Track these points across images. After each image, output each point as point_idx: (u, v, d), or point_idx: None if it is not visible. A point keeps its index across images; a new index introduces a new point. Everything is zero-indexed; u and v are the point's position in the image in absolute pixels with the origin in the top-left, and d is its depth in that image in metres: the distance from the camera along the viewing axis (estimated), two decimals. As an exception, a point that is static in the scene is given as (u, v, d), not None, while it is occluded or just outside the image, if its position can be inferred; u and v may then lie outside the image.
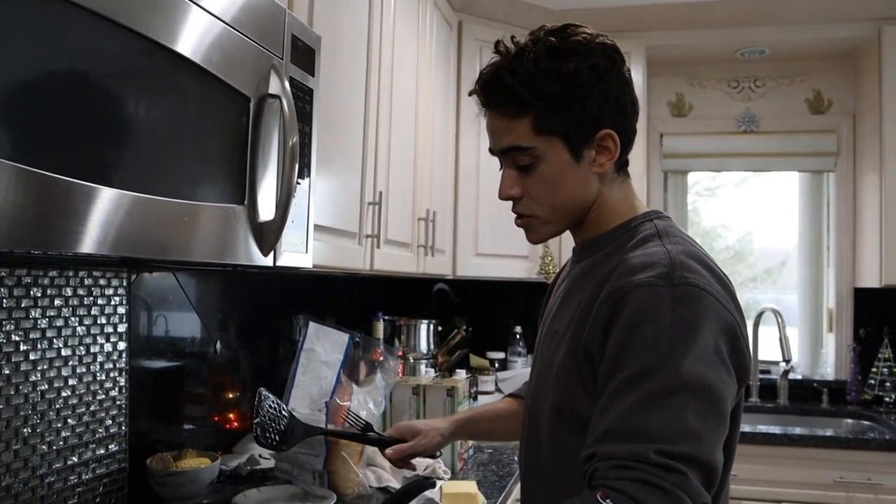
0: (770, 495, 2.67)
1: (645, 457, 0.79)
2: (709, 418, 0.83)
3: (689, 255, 0.92)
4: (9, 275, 1.25)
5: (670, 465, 0.79)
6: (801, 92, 3.38)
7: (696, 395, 0.83)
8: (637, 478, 0.79)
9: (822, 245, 3.43)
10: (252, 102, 1.16)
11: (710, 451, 0.82)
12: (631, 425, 0.82)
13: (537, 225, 1.06)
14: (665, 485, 0.78)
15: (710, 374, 0.84)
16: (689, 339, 0.84)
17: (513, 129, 1.00)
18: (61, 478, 1.37)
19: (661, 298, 0.86)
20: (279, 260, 1.26)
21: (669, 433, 0.80)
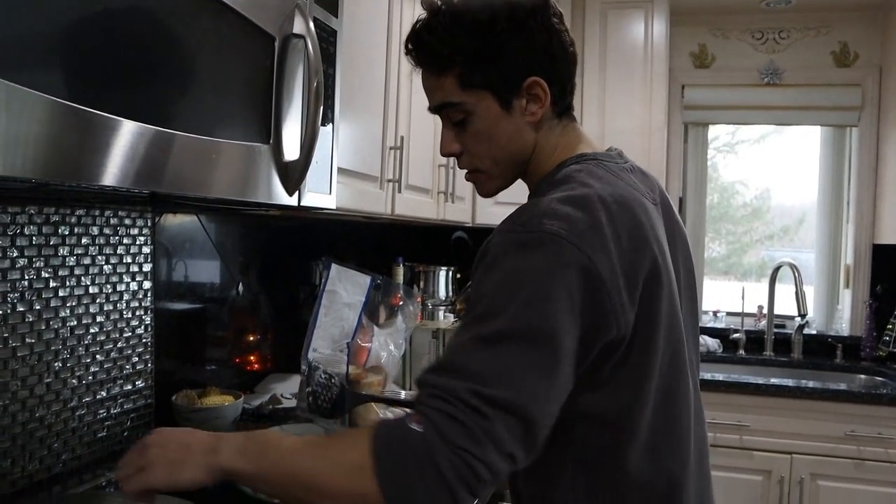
0: (781, 447, 2.70)
1: (456, 392, 0.78)
2: (538, 368, 0.80)
3: (567, 200, 0.88)
4: (38, 212, 1.27)
5: (476, 406, 0.77)
6: (826, 44, 3.31)
7: (527, 343, 0.80)
8: (445, 409, 0.78)
9: (842, 201, 3.40)
10: (277, 42, 1.16)
11: (528, 401, 0.79)
12: (456, 361, 0.81)
13: (484, 180, 1.06)
14: (468, 422, 0.77)
15: (548, 323, 0.81)
16: (531, 285, 0.82)
17: (441, 86, 1.00)
18: (91, 411, 1.41)
19: (512, 244, 0.85)
20: (304, 200, 1.27)
21: (487, 376, 0.79)
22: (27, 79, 0.70)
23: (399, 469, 0.77)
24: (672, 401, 0.96)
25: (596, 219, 0.86)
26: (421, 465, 0.76)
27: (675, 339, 0.96)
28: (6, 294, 1.21)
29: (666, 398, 0.95)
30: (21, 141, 0.70)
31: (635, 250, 0.88)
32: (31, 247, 1.26)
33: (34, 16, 0.72)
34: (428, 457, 0.76)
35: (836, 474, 2.65)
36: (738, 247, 3.92)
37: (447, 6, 0.98)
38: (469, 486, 0.77)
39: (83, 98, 0.77)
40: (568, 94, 1.03)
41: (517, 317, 0.81)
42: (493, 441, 0.77)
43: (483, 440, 0.77)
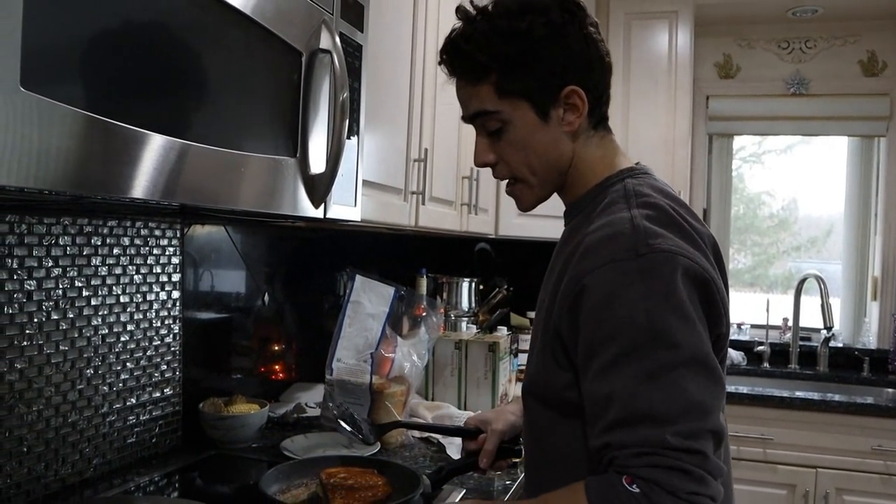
0: (806, 461, 2.67)
1: (662, 441, 0.79)
2: (706, 385, 0.83)
3: (654, 219, 0.89)
4: (72, 224, 1.31)
5: (690, 447, 0.79)
6: (854, 53, 3.29)
7: (689, 364, 0.82)
8: (659, 464, 0.79)
9: (870, 212, 3.36)
10: (304, 57, 1.18)
11: (717, 418, 0.83)
12: (638, 409, 0.81)
13: (523, 191, 1.04)
14: (687, 467, 0.78)
15: (695, 339, 0.83)
16: (668, 308, 0.83)
17: (477, 95, 0.99)
18: (121, 417, 1.44)
19: (629, 273, 0.84)
20: (329, 212, 1.29)
21: (677, 411, 0.80)
22: (59, 93, 0.73)
23: None
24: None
25: (684, 228, 0.90)
26: None
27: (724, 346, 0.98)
28: (41, 303, 1.25)
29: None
30: (53, 155, 0.73)
31: (708, 248, 0.93)
32: (65, 257, 1.29)
33: (65, 31, 0.75)
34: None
35: (863, 489, 2.62)
36: (764, 258, 3.89)
37: (483, 14, 0.97)
38: None
39: (114, 112, 0.80)
40: (604, 103, 1.02)
41: (670, 342, 0.82)
42: (711, 472, 0.80)
43: (706, 477, 0.80)
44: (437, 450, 1.69)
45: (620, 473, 0.81)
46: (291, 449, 1.58)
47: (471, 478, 1.50)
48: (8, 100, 0.67)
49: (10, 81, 0.67)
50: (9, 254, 1.19)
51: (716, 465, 0.81)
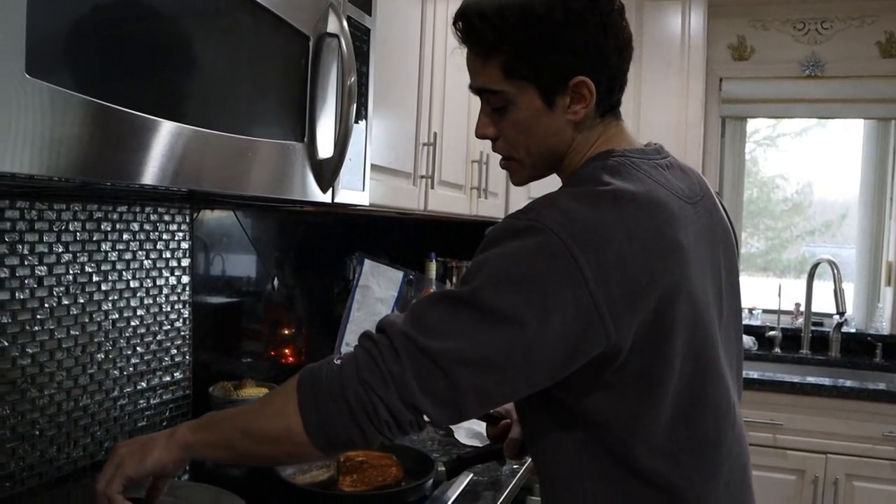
0: (817, 446, 2.66)
1: (393, 334, 0.83)
2: (480, 340, 0.81)
3: (575, 196, 0.87)
4: (82, 209, 1.31)
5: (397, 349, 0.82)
6: (871, 34, 3.23)
7: (480, 315, 0.81)
8: (368, 348, 0.85)
9: (885, 196, 3.33)
10: (311, 41, 1.18)
11: (455, 360, 0.81)
12: (417, 308, 0.86)
13: (517, 168, 1.03)
14: (380, 362, 0.82)
15: (510, 306, 0.80)
16: (505, 266, 0.83)
17: (484, 71, 0.95)
18: (132, 401, 1.45)
19: (507, 229, 0.86)
20: (337, 197, 1.29)
21: (427, 326, 0.82)
22: (65, 80, 0.73)
23: (316, 399, 0.84)
24: (700, 409, 0.93)
25: (601, 217, 0.84)
26: (334, 395, 0.83)
27: (701, 348, 0.92)
28: (52, 288, 1.26)
29: (691, 406, 0.92)
30: (63, 142, 0.73)
31: (649, 253, 0.85)
32: (75, 242, 1.30)
33: (71, 17, 0.74)
34: (340, 387, 0.83)
35: (873, 475, 2.61)
36: (777, 242, 3.86)
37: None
38: (373, 424, 0.82)
39: (122, 99, 0.80)
40: (616, 91, 0.98)
41: (481, 288, 0.82)
42: (398, 386, 0.81)
43: (388, 381, 0.81)
44: (446, 433, 1.69)
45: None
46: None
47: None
48: (13, 87, 0.67)
49: (16, 68, 0.67)
50: (20, 240, 1.20)
51: (410, 386, 0.81)
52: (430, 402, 0.82)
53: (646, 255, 0.84)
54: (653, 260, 0.85)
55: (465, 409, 0.84)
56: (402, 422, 0.83)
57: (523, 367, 0.83)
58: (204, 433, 0.93)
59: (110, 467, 0.94)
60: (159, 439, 0.95)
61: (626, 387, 0.88)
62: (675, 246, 0.88)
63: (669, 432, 0.90)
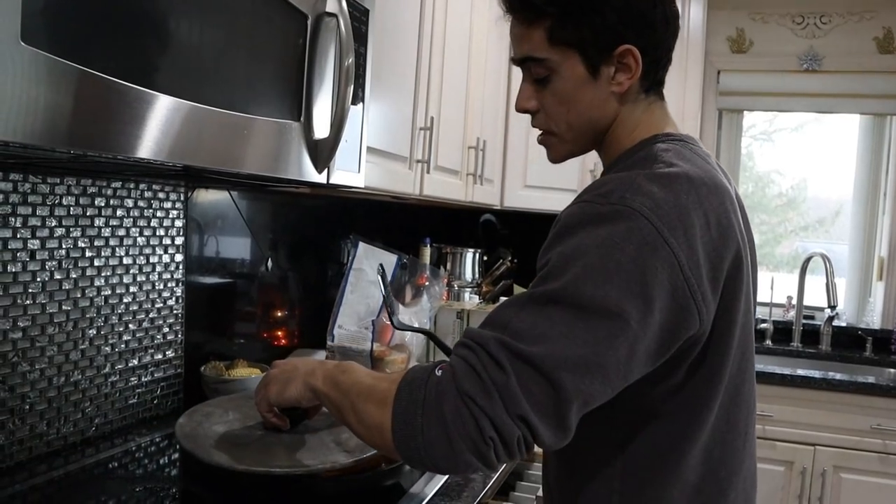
0: (806, 438, 2.68)
1: (485, 343, 0.77)
2: (582, 338, 0.75)
3: (655, 177, 0.82)
4: (75, 184, 1.31)
5: (498, 359, 0.75)
6: (869, 29, 3.24)
7: (577, 310, 0.76)
8: (467, 359, 0.77)
9: (879, 192, 3.34)
10: (309, 20, 1.17)
11: (560, 365, 0.74)
12: (501, 316, 0.79)
13: (555, 143, 0.99)
14: (484, 375, 0.75)
15: (606, 296, 0.75)
16: (596, 254, 0.77)
17: (528, 38, 0.93)
18: (123, 378, 1.45)
19: (588, 214, 0.81)
20: (332, 178, 1.29)
21: (523, 331, 0.76)
22: (66, 52, 0.72)
23: (410, 407, 0.78)
24: (735, 405, 0.92)
25: (683, 200, 0.81)
26: (429, 407, 0.76)
27: (747, 340, 0.92)
28: (44, 262, 1.25)
29: (731, 402, 0.91)
30: (59, 112, 0.73)
31: (722, 238, 0.83)
32: (68, 217, 1.30)
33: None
34: (437, 400, 0.76)
35: (860, 467, 2.63)
36: (771, 237, 3.87)
37: None
38: (471, 440, 0.74)
39: (119, 71, 0.79)
40: (661, 68, 0.96)
41: (574, 282, 0.76)
42: (504, 397, 0.74)
43: (493, 393, 0.74)
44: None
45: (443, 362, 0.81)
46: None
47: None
48: (8, 54, 0.66)
49: (11, 35, 0.66)
50: (12, 213, 1.19)
51: (517, 396, 0.74)
52: (540, 415, 0.75)
53: (722, 240, 0.83)
54: (728, 244, 0.84)
55: (569, 421, 0.77)
56: (510, 439, 0.75)
57: (627, 362, 0.77)
58: (330, 388, 0.94)
59: (261, 387, 1.09)
60: (300, 375, 1.01)
61: (697, 380, 0.86)
62: (737, 232, 0.87)
63: (713, 427, 0.89)
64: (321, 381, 0.96)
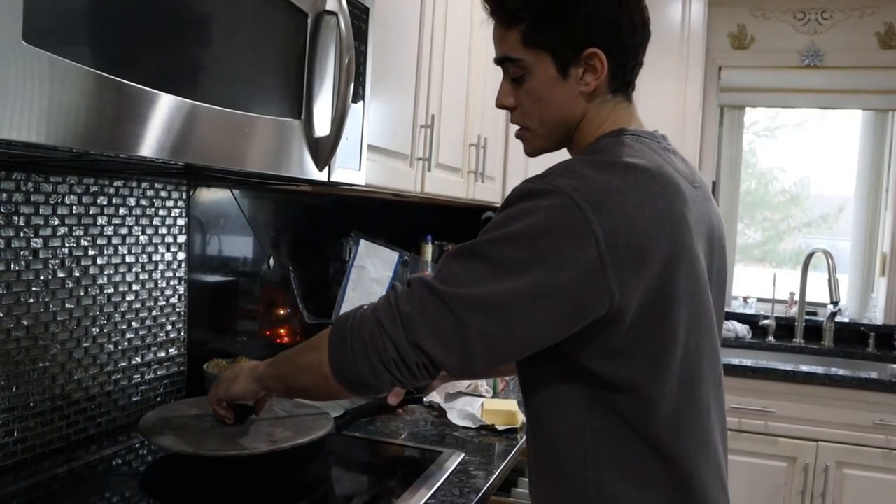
0: (808, 434, 2.68)
1: (413, 281, 0.91)
2: (492, 289, 0.86)
3: (589, 163, 0.92)
4: (78, 183, 1.31)
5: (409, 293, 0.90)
6: (871, 25, 3.23)
7: (493, 266, 0.87)
8: (389, 294, 0.92)
9: (881, 187, 3.34)
10: (310, 18, 1.17)
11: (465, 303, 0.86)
12: (440, 264, 0.93)
13: (529, 138, 1.08)
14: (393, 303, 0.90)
15: (517, 259, 0.86)
16: (518, 223, 0.87)
17: (506, 39, 1.02)
18: (126, 376, 1.46)
19: (523, 192, 0.90)
20: (333, 175, 1.29)
21: (447, 277, 0.89)
22: (69, 52, 0.73)
23: (340, 336, 0.93)
24: (697, 381, 0.97)
25: (614, 183, 0.88)
26: (355, 330, 0.92)
27: (701, 321, 0.96)
28: (47, 261, 1.26)
29: (691, 377, 0.95)
30: (62, 111, 0.73)
31: (658, 221, 0.88)
32: (71, 216, 1.30)
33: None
34: (359, 325, 0.91)
35: (863, 463, 2.64)
36: (774, 234, 3.87)
37: None
38: (382, 362, 0.89)
39: (120, 70, 0.80)
40: (628, 71, 1.03)
41: (495, 243, 0.88)
42: (406, 324, 0.88)
43: (397, 321, 0.89)
44: (439, 414, 1.71)
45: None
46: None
47: (471, 440, 1.52)
48: (11, 54, 0.67)
49: (14, 35, 0.67)
50: (15, 211, 1.20)
51: (417, 326, 0.87)
52: (438, 343, 0.88)
53: (655, 222, 0.88)
54: (662, 227, 0.89)
55: (473, 355, 0.88)
56: (409, 363, 0.89)
57: (529, 315, 0.87)
58: (271, 368, 1.10)
59: (214, 386, 1.22)
60: (245, 373, 1.16)
61: (634, 353, 0.92)
62: (681, 218, 0.92)
63: (674, 401, 0.94)
64: (262, 367, 1.12)
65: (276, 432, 1.30)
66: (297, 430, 1.32)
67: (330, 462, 1.45)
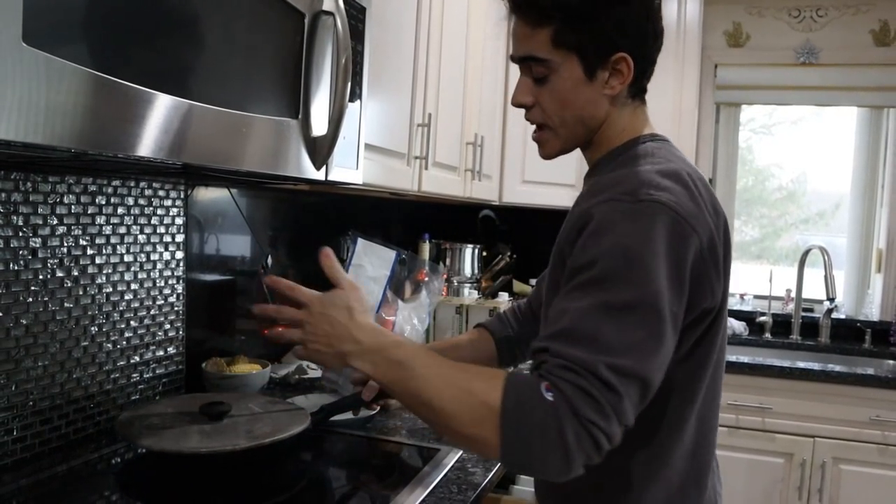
0: (805, 430, 2.69)
1: (593, 367, 0.83)
2: (655, 337, 0.86)
3: (664, 174, 0.93)
4: (76, 182, 1.32)
5: (612, 384, 0.83)
6: (865, 22, 3.24)
7: (648, 314, 0.86)
8: (579, 384, 0.83)
9: (877, 184, 3.35)
10: (307, 18, 1.18)
11: (652, 370, 0.86)
12: (585, 330, 0.86)
13: (549, 138, 1.07)
14: (601, 399, 0.83)
15: (660, 288, 0.86)
16: (645, 252, 0.86)
17: (532, 38, 1.00)
18: (124, 375, 1.46)
19: (623, 212, 0.89)
20: (331, 174, 1.30)
21: (617, 347, 0.84)
22: (66, 52, 0.73)
23: (523, 430, 0.84)
24: (719, 373, 1.04)
25: (693, 192, 0.93)
26: (546, 433, 0.83)
27: (725, 319, 1.03)
28: (46, 260, 1.26)
29: (716, 370, 1.02)
30: (60, 112, 0.74)
31: (717, 224, 0.96)
32: (69, 215, 1.31)
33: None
34: (556, 427, 0.83)
35: (860, 459, 2.65)
36: (771, 230, 3.88)
37: None
38: (588, 456, 0.84)
39: (118, 71, 0.80)
40: (646, 77, 1.05)
41: (639, 287, 0.86)
42: (619, 415, 0.84)
43: (611, 415, 0.83)
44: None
45: (542, 379, 0.86)
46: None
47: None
48: (10, 55, 0.67)
49: (13, 36, 0.67)
50: (14, 211, 1.20)
51: (627, 411, 0.84)
52: (635, 413, 0.87)
53: (717, 225, 0.96)
54: (720, 230, 0.97)
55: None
56: (614, 442, 0.86)
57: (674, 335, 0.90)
58: (382, 375, 0.97)
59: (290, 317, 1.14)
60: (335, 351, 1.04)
61: (699, 350, 0.97)
62: (724, 218, 1.00)
63: (704, 394, 1.00)
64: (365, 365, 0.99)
65: (255, 428, 1.26)
66: (276, 426, 1.28)
67: (328, 460, 1.46)
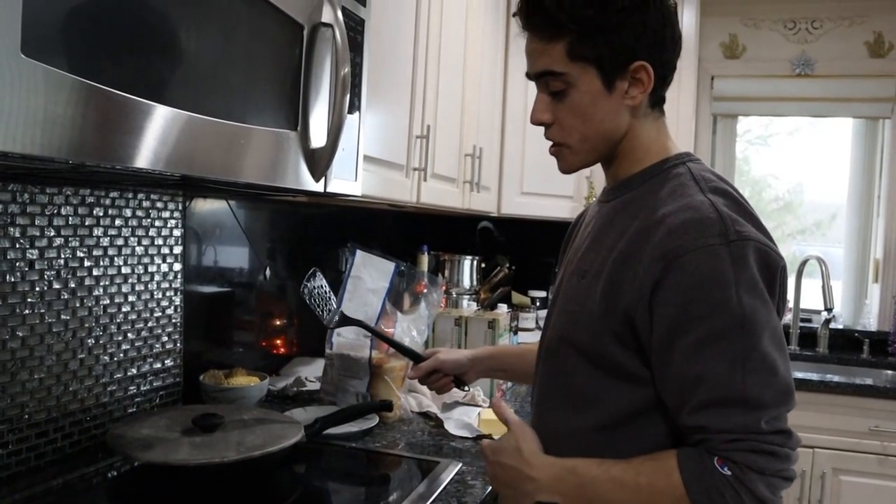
0: (804, 441, 2.63)
1: (758, 428, 0.87)
2: (786, 359, 0.90)
3: (730, 205, 0.94)
4: (74, 194, 1.31)
5: (779, 429, 0.88)
6: (860, 34, 3.26)
7: (773, 345, 0.88)
8: (751, 448, 0.87)
9: (873, 194, 3.35)
10: (305, 31, 1.18)
11: (791, 386, 0.90)
12: (732, 393, 0.87)
13: (567, 154, 1.05)
14: (776, 449, 0.87)
15: (773, 320, 0.89)
16: (755, 294, 0.88)
17: (547, 53, 0.98)
18: (122, 387, 1.45)
19: (722, 258, 0.87)
20: (329, 186, 1.29)
21: (769, 397, 0.87)
22: (65, 63, 0.73)
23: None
24: None
25: (755, 217, 0.95)
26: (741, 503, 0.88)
27: None
28: (43, 272, 1.26)
29: None
30: (59, 123, 0.73)
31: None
32: (67, 227, 1.30)
33: (69, 0, 0.75)
34: (748, 493, 0.87)
35: (859, 469, 2.64)
36: (767, 241, 3.88)
37: None
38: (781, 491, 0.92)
39: (116, 82, 0.80)
40: (666, 84, 1.03)
41: (760, 329, 0.87)
42: (792, 448, 0.90)
43: (791, 454, 0.90)
44: (436, 424, 1.70)
45: (712, 454, 0.88)
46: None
47: (468, 450, 1.52)
48: (8, 66, 0.67)
49: (11, 48, 0.67)
50: (11, 222, 1.20)
51: (796, 438, 0.90)
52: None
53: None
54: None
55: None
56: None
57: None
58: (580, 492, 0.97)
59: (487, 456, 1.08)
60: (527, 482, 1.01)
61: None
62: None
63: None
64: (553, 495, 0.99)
65: (246, 440, 1.24)
66: (268, 437, 1.27)
67: (322, 473, 1.45)
